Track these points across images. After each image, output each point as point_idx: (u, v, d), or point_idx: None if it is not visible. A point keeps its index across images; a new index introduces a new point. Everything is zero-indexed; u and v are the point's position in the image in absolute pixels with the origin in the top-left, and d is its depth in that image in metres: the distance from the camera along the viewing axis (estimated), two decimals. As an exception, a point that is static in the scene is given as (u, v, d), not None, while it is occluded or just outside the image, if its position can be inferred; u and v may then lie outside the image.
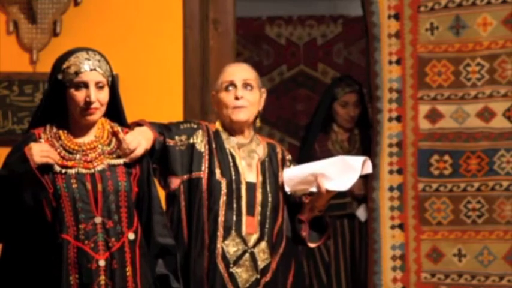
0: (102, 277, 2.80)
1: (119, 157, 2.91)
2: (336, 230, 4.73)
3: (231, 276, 3.16)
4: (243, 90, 3.26)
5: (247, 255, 3.18)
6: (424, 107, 4.30)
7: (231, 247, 3.17)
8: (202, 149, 3.24)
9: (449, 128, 4.29)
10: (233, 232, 3.18)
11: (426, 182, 4.29)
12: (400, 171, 4.30)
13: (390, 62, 4.32)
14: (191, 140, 3.23)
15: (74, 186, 2.82)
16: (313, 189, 3.24)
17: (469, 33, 4.26)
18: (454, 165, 4.27)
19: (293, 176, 3.25)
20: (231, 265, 3.17)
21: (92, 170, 2.85)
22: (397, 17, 4.31)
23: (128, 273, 2.85)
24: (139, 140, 2.97)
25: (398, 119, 4.31)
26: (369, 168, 3.25)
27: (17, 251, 2.87)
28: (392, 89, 4.32)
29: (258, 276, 3.19)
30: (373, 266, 4.29)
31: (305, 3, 6.22)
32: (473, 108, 4.27)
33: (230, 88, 3.26)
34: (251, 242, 3.19)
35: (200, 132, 3.25)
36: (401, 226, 4.28)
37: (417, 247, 4.27)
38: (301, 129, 6.22)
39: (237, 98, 3.24)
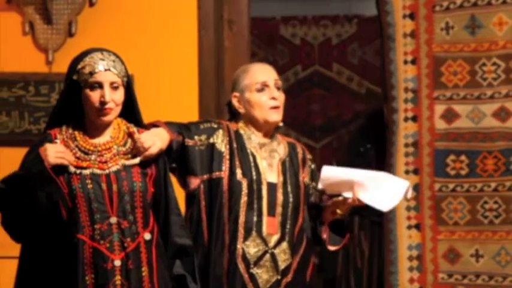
0: (118, 277, 2.80)
1: (134, 156, 2.91)
2: (374, 235, 4.71)
3: (252, 276, 3.15)
4: (275, 90, 3.26)
5: (267, 255, 3.17)
6: (440, 107, 4.29)
7: (251, 248, 3.16)
8: (223, 149, 3.22)
9: (465, 127, 4.28)
10: (254, 233, 3.17)
11: (442, 182, 4.27)
12: (416, 171, 4.29)
13: (405, 62, 4.32)
14: (211, 140, 3.22)
15: (89, 186, 2.83)
16: (346, 194, 3.20)
17: (485, 33, 4.25)
18: (470, 165, 4.26)
19: (331, 175, 3.21)
20: (252, 266, 3.16)
21: (107, 171, 2.86)
22: (412, 16, 4.30)
23: (143, 274, 2.85)
24: (154, 140, 2.96)
25: (414, 118, 4.30)
26: (409, 194, 3.19)
27: (34, 251, 2.87)
28: (408, 88, 4.31)
29: (279, 277, 3.18)
30: (389, 267, 4.28)
31: (320, 3, 6.22)
32: (489, 108, 4.25)
33: (264, 88, 3.25)
34: (272, 243, 3.18)
35: (220, 131, 3.24)
36: (417, 226, 4.27)
37: (434, 247, 4.25)
38: (316, 129, 6.22)
39: (273, 99, 3.23)
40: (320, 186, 3.22)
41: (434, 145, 4.28)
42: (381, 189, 3.17)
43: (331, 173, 3.20)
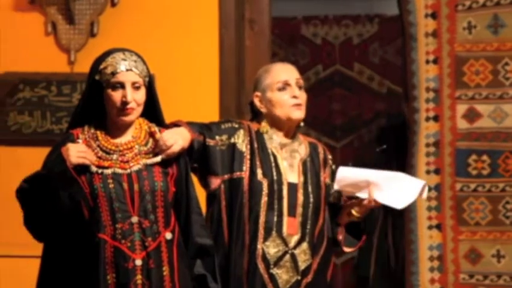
0: (139, 276, 2.81)
1: (156, 154, 2.92)
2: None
3: (272, 277, 3.15)
4: (297, 89, 3.26)
5: (287, 256, 3.17)
6: (461, 107, 4.28)
7: (271, 248, 3.16)
8: (244, 149, 3.22)
9: (487, 127, 4.27)
10: (274, 233, 3.16)
11: (464, 182, 4.26)
12: (437, 171, 4.28)
13: (427, 61, 4.30)
14: (232, 140, 3.23)
15: (111, 186, 2.84)
16: (362, 195, 3.19)
17: (508, 32, 4.24)
18: (492, 165, 4.25)
19: (347, 176, 3.21)
20: (272, 266, 3.16)
21: (128, 170, 2.87)
22: (434, 15, 4.29)
23: (164, 273, 2.85)
24: (176, 138, 2.97)
25: (436, 118, 4.29)
26: (424, 194, 3.20)
27: (56, 250, 2.89)
28: (429, 88, 4.30)
29: (299, 278, 3.17)
30: (410, 267, 4.27)
31: (341, 3, 6.21)
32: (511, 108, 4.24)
33: (285, 87, 3.25)
34: (292, 243, 3.18)
35: (241, 131, 3.24)
36: (438, 226, 4.26)
37: (455, 248, 4.24)
38: (337, 129, 6.21)
39: (295, 97, 3.23)
40: (336, 187, 3.22)
41: (455, 145, 4.27)
42: (397, 189, 3.17)
43: (346, 174, 3.20)
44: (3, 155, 4.25)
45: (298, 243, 3.18)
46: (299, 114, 3.24)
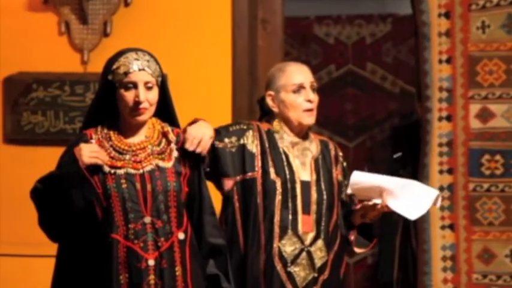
0: (152, 276, 2.82)
1: (184, 152, 2.90)
2: None
3: (289, 275, 3.16)
4: (311, 92, 3.26)
5: (304, 253, 3.18)
6: (474, 106, 4.27)
7: (287, 246, 3.17)
8: (254, 150, 3.23)
9: (500, 127, 4.26)
10: (289, 231, 3.18)
11: (477, 182, 4.25)
12: (450, 171, 4.27)
13: (440, 61, 4.30)
14: (241, 141, 3.23)
15: (124, 186, 2.84)
16: (375, 200, 3.20)
17: (521, 32, 4.23)
18: (505, 165, 4.24)
19: (361, 181, 3.21)
20: (289, 264, 3.17)
21: (141, 171, 2.87)
22: (447, 15, 4.28)
23: (177, 273, 2.86)
24: (203, 131, 2.98)
25: (449, 118, 4.28)
26: (438, 203, 3.20)
27: (70, 250, 2.90)
28: (442, 88, 4.29)
29: (316, 275, 3.19)
30: (423, 267, 4.27)
31: (354, 3, 6.19)
32: (525, 108, 4.24)
33: (300, 90, 3.25)
34: (308, 241, 3.19)
35: (250, 132, 3.24)
36: (451, 226, 4.25)
37: (468, 248, 4.23)
38: (350, 128, 6.20)
39: (309, 101, 3.24)
40: (349, 191, 3.22)
41: (468, 145, 4.26)
42: (410, 198, 3.17)
43: (361, 179, 3.20)
44: (16, 155, 4.27)
45: (314, 240, 3.19)
46: (310, 120, 3.25)
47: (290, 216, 3.17)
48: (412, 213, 3.17)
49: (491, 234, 4.24)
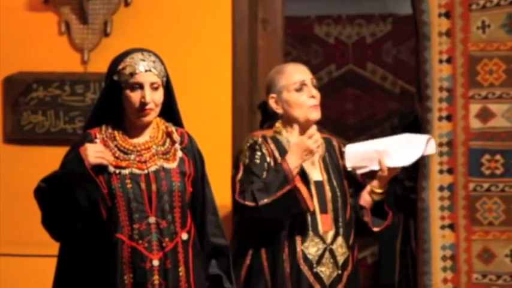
0: (156, 277, 2.82)
1: (186, 149, 2.91)
2: None
3: (316, 276, 3.19)
4: (313, 89, 3.29)
5: (327, 253, 3.21)
6: (475, 106, 4.27)
7: (311, 248, 3.20)
8: (268, 159, 3.25)
9: (500, 127, 4.26)
10: (310, 232, 3.21)
11: (477, 182, 4.25)
12: (450, 171, 4.27)
13: (440, 61, 4.29)
14: (267, 159, 3.25)
15: (129, 186, 2.84)
16: (375, 167, 3.27)
17: (522, 31, 4.23)
18: (505, 165, 4.24)
19: (356, 151, 3.28)
20: (315, 265, 3.20)
21: (146, 171, 2.87)
22: (447, 15, 4.28)
23: (180, 273, 2.86)
24: (304, 145, 3.13)
25: (449, 118, 4.28)
26: (432, 148, 3.27)
27: (73, 250, 2.89)
28: (443, 88, 4.29)
29: (339, 272, 3.23)
30: (423, 266, 4.27)
31: (354, 2, 6.20)
32: (525, 107, 4.24)
33: (302, 88, 3.28)
34: (329, 239, 3.23)
35: (263, 146, 3.26)
36: (451, 226, 4.25)
37: (468, 247, 4.23)
38: (350, 128, 6.21)
39: (312, 97, 3.27)
40: (348, 165, 3.28)
41: (469, 144, 4.26)
42: (404, 149, 3.26)
43: (355, 149, 3.29)
44: (16, 155, 4.26)
45: (334, 238, 3.23)
46: (316, 115, 3.29)
47: (309, 218, 3.20)
48: (406, 160, 3.25)
49: (491, 234, 4.23)
